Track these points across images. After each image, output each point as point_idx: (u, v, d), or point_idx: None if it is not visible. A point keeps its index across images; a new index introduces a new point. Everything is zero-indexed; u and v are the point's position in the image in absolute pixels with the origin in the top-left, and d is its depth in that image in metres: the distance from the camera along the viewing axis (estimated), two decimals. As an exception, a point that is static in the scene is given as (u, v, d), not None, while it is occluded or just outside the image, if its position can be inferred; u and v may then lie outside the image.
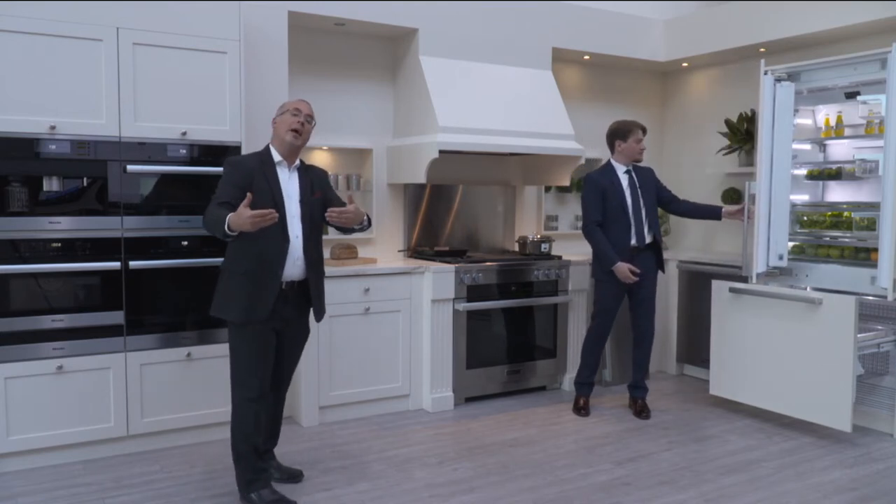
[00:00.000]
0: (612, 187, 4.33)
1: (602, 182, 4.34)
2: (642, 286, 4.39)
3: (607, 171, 4.39)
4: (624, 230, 4.33)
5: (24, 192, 3.43)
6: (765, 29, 5.01)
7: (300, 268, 3.14)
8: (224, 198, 3.01)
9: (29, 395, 3.47)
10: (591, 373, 4.52)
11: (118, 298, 3.64)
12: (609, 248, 4.29)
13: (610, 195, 4.32)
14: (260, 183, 3.06)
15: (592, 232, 4.33)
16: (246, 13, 4.03)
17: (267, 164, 3.13)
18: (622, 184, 4.35)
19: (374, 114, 4.97)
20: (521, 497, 3.27)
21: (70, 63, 3.48)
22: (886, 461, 3.76)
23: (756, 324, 4.32)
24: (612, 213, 4.32)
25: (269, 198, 3.04)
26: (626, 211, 4.33)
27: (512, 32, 5.06)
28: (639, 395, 4.55)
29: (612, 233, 4.32)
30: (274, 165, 3.14)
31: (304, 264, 3.15)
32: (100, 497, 3.21)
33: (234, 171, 3.09)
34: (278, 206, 3.04)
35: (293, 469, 3.46)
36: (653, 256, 4.45)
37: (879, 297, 4.09)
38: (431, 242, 5.14)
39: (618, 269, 4.26)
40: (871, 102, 4.32)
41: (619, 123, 4.44)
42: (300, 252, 3.12)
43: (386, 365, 4.43)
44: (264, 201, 3.00)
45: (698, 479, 3.49)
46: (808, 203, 4.78)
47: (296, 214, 3.14)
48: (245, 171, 3.07)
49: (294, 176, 3.20)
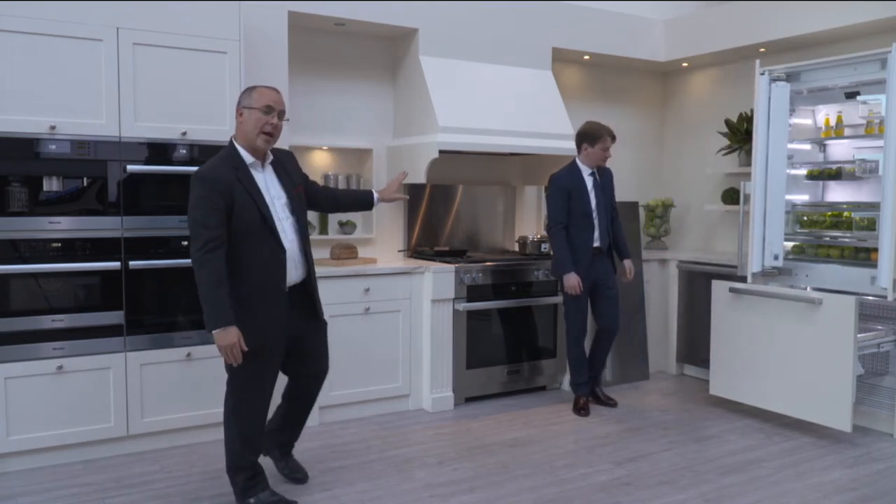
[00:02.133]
0: (577, 189, 4.40)
1: (568, 183, 4.40)
2: (607, 286, 4.50)
3: (574, 172, 4.45)
4: (588, 232, 4.41)
5: (24, 192, 3.43)
6: (764, 29, 5.01)
7: (301, 270, 3.03)
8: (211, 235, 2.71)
9: (29, 395, 3.47)
10: (584, 370, 4.55)
11: (118, 298, 3.64)
12: (568, 254, 4.36)
13: (576, 196, 4.39)
14: (241, 197, 2.80)
15: (557, 234, 4.39)
16: (246, 13, 4.03)
17: (241, 171, 2.85)
18: (587, 185, 4.42)
19: (374, 114, 4.97)
20: (521, 497, 3.27)
21: (70, 63, 3.48)
22: (886, 461, 3.76)
23: (756, 324, 4.32)
24: (576, 215, 4.39)
25: (253, 210, 2.82)
26: (590, 213, 4.41)
27: (512, 32, 5.06)
28: (597, 385, 4.68)
29: (576, 234, 4.40)
30: (248, 169, 2.87)
31: (304, 265, 3.04)
32: (100, 497, 3.21)
33: (211, 190, 2.75)
34: (265, 216, 2.84)
35: (301, 469, 3.39)
36: (610, 258, 4.56)
37: (879, 297, 4.09)
38: (431, 242, 5.14)
39: (568, 278, 4.33)
40: (871, 102, 4.32)
41: (591, 127, 4.47)
42: (297, 254, 2.99)
43: (386, 365, 4.43)
44: (250, 216, 2.81)
45: (698, 479, 3.49)
46: (808, 203, 4.78)
47: (283, 217, 2.95)
48: (222, 188, 2.77)
49: (270, 172, 2.97)
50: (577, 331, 4.50)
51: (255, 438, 3.03)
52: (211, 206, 2.74)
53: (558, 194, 4.38)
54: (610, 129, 4.48)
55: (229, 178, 2.80)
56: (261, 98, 2.88)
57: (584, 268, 4.38)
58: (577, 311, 4.48)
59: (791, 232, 4.67)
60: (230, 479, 3.07)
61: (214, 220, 2.74)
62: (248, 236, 2.82)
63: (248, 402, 2.97)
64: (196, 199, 2.77)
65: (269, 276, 2.87)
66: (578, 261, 4.37)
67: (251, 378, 2.94)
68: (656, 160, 6.28)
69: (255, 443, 3.02)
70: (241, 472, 3.01)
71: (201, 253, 2.72)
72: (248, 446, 3.00)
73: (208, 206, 2.74)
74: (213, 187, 2.76)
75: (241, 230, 2.81)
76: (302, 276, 3.04)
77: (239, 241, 2.82)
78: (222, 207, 2.75)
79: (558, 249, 4.38)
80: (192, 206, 2.79)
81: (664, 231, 5.86)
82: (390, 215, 5.00)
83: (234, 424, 2.99)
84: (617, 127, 5.95)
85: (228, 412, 3.01)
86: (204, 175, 2.80)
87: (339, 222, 4.86)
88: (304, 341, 3.09)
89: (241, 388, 2.96)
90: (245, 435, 2.99)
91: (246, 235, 2.82)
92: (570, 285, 4.32)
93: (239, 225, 2.80)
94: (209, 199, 2.75)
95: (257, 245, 2.82)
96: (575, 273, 4.32)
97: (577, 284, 4.32)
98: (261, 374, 2.95)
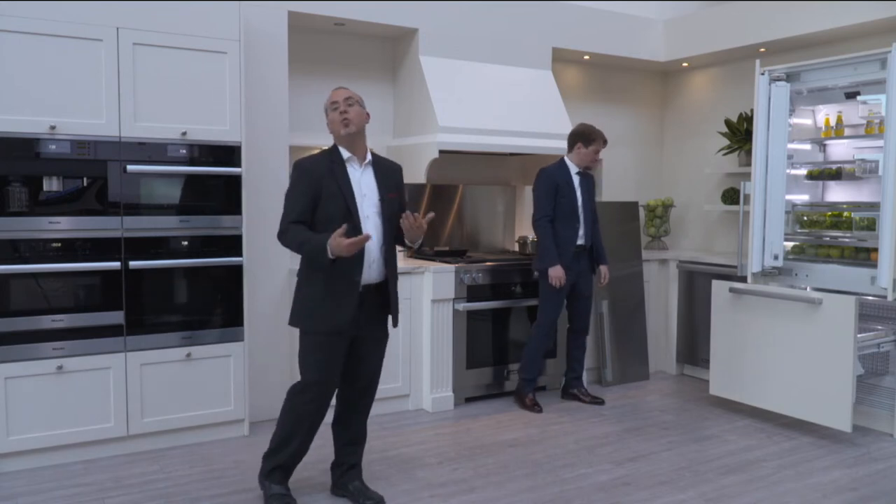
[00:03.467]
0: (566, 185, 4.44)
1: (557, 178, 4.44)
2: (585, 287, 4.58)
3: (562, 168, 4.50)
4: (573, 229, 4.46)
5: (24, 192, 3.43)
6: (765, 29, 5.01)
7: (377, 270, 3.03)
8: (297, 212, 2.93)
9: (29, 395, 3.47)
10: (537, 368, 4.62)
11: (118, 298, 3.64)
12: (554, 247, 4.40)
13: (564, 192, 4.43)
14: (330, 186, 2.95)
15: (543, 226, 4.42)
16: (246, 13, 4.03)
17: (336, 164, 3.00)
18: (574, 183, 4.47)
19: (374, 114, 4.89)
20: (521, 497, 3.27)
21: (70, 63, 3.48)
22: (886, 461, 3.76)
23: (756, 324, 4.32)
24: (563, 211, 4.43)
25: (340, 201, 2.94)
26: (576, 210, 4.46)
27: (512, 32, 5.06)
28: (581, 385, 4.74)
29: (561, 230, 4.44)
30: (344, 164, 3.01)
31: (381, 266, 3.04)
32: (100, 497, 3.21)
33: (302, 176, 2.97)
34: (350, 209, 2.95)
35: (375, 494, 3.18)
36: (590, 260, 4.61)
37: (879, 297, 4.09)
38: (431, 242, 5.14)
39: (554, 270, 4.37)
40: (871, 102, 4.32)
41: (587, 128, 4.50)
42: (377, 254, 3.01)
43: (386, 365, 4.38)
44: (335, 205, 2.94)
45: (698, 479, 3.49)
46: (808, 203, 4.79)
47: (370, 215, 3.01)
48: (314, 175, 2.96)
49: (368, 172, 3.07)
50: (548, 326, 4.55)
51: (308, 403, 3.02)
52: (300, 191, 2.97)
53: (546, 187, 4.43)
54: (603, 134, 4.52)
55: (322, 170, 2.99)
56: (328, 100, 3.10)
57: (567, 263, 4.43)
58: (554, 306, 4.52)
59: (791, 232, 4.66)
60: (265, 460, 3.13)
61: (301, 204, 2.95)
62: (331, 225, 2.88)
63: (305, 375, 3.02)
64: (291, 183, 3.04)
65: (345, 267, 2.91)
66: (562, 255, 4.41)
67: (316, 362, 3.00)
68: (656, 160, 6.28)
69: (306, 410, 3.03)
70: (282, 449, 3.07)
71: (284, 224, 2.97)
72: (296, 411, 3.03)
73: (298, 189, 2.98)
74: (304, 173, 2.99)
75: (325, 218, 2.94)
76: (379, 278, 3.06)
77: (323, 229, 2.91)
78: (310, 194, 2.95)
79: (544, 241, 4.42)
80: (288, 189, 3.05)
81: (664, 231, 5.86)
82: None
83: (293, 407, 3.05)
84: (617, 127, 6.00)
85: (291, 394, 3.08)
86: (300, 163, 3.05)
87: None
88: (364, 344, 3.11)
89: (303, 367, 3.02)
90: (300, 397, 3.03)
91: (329, 224, 2.90)
92: (556, 276, 4.36)
93: (324, 213, 2.94)
94: (299, 182, 2.99)
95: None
96: (560, 266, 4.37)
97: (562, 276, 4.37)
98: (325, 358, 3.00)
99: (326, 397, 3.06)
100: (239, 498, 3.21)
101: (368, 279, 3.01)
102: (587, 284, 4.61)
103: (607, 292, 5.13)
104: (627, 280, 5.25)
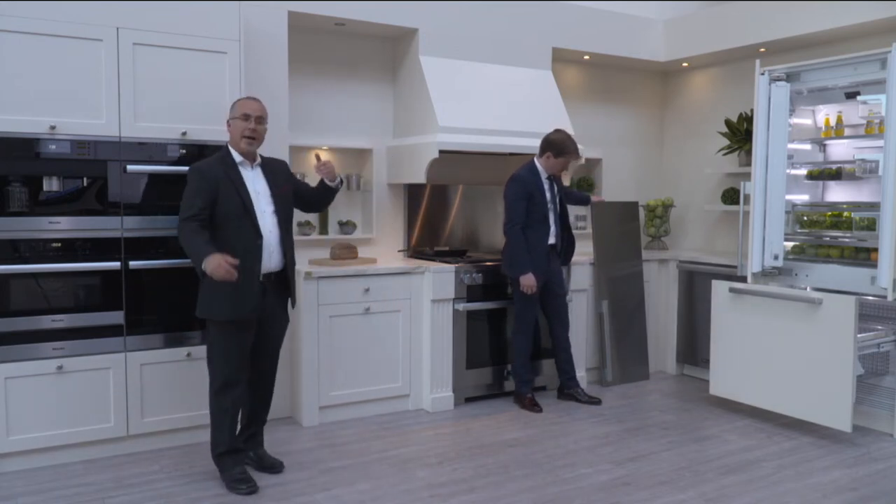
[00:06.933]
0: (538, 192, 4.48)
1: (530, 186, 4.46)
2: (558, 285, 4.62)
3: (533, 174, 4.51)
4: (543, 231, 4.51)
5: (24, 192, 3.43)
6: (765, 29, 5.01)
7: (277, 259, 3.33)
8: (194, 211, 3.15)
9: (29, 395, 3.47)
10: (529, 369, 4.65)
11: (118, 298, 3.64)
12: (527, 254, 4.44)
13: (536, 199, 4.47)
14: (226, 188, 3.21)
15: (515, 234, 4.45)
16: (246, 13, 4.03)
17: (230, 167, 3.27)
18: (545, 188, 4.51)
19: (374, 114, 4.97)
20: (521, 497, 3.27)
21: (70, 63, 3.48)
22: (886, 461, 3.76)
23: (756, 324, 4.32)
24: (534, 216, 4.48)
25: (237, 201, 3.21)
26: (547, 214, 4.50)
27: (512, 32, 5.06)
28: (576, 385, 4.73)
29: (531, 234, 4.47)
30: (237, 166, 3.29)
31: (280, 255, 3.34)
32: (100, 497, 3.22)
33: (200, 179, 3.20)
34: (247, 206, 3.22)
35: (273, 459, 3.55)
36: (559, 256, 4.66)
37: (879, 297, 4.09)
38: (431, 242, 5.14)
39: (526, 278, 4.41)
40: (871, 102, 4.32)
41: (561, 139, 4.47)
42: (275, 245, 3.31)
43: (386, 365, 4.43)
44: (233, 204, 3.20)
45: (698, 479, 3.49)
46: (808, 203, 4.79)
47: (266, 210, 3.30)
48: (211, 178, 3.20)
49: (258, 172, 3.36)
50: (527, 329, 4.57)
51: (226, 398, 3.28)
52: (197, 189, 3.18)
53: (519, 196, 4.44)
54: (577, 147, 4.53)
55: (218, 173, 3.23)
56: (240, 108, 3.31)
57: (540, 267, 4.46)
58: (530, 311, 4.56)
59: (791, 232, 4.66)
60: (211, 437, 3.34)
61: (199, 200, 3.16)
62: (229, 221, 3.20)
63: (217, 367, 3.28)
64: (188, 184, 3.23)
65: (246, 259, 3.18)
66: (534, 259, 4.44)
67: (227, 361, 3.26)
68: (656, 160, 6.28)
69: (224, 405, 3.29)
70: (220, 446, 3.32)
71: (182, 222, 3.16)
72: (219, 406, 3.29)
73: (195, 188, 3.19)
74: (202, 177, 3.21)
75: (223, 216, 3.20)
76: (279, 266, 3.35)
77: (221, 225, 3.21)
78: (207, 193, 3.17)
79: (515, 249, 4.44)
80: (185, 189, 3.24)
81: (664, 231, 5.86)
82: (390, 215, 5.00)
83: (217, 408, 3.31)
84: (617, 127, 6.01)
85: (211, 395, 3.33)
86: (197, 167, 3.28)
87: (339, 222, 4.86)
88: (263, 326, 3.38)
89: (214, 357, 3.28)
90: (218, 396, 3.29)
91: (228, 221, 3.20)
92: (528, 284, 4.40)
93: (222, 210, 3.19)
94: (197, 184, 3.20)
95: (238, 230, 3.20)
96: (532, 274, 4.40)
97: (533, 284, 4.41)
98: (235, 344, 3.26)
99: (241, 393, 3.33)
100: (239, 498, 3.21)
101: (269, 268, 3.31)
102: (559, 283, 4.63)
103: (607, 292, 5.13)
104: (627, 280, 5.25)
